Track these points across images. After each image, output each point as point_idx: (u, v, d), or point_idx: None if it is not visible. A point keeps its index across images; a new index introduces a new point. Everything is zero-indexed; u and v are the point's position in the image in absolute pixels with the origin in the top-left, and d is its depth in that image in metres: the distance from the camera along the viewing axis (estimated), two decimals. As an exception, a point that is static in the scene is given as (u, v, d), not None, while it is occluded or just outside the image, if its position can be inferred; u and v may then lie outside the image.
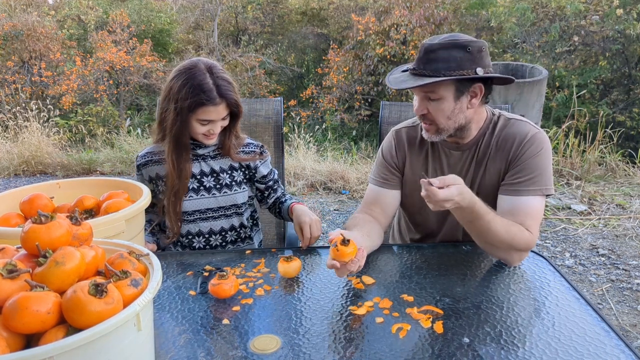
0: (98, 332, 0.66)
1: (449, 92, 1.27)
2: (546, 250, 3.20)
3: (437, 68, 1.24)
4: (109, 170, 5.36)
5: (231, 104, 1.40)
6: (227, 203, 1.55)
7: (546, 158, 1.32)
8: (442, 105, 1.28)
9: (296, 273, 1.24)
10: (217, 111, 1.38)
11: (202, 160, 1.53)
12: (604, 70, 6.97)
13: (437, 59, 1.24)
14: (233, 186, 1.55)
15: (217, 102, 1.37)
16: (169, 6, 11.87)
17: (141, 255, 0.88)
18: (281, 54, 10.65)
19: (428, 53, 1.26)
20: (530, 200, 1.29)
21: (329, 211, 4.03)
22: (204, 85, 1.35)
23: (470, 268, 1.27)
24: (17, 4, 10.16)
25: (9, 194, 1.28)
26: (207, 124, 1.41)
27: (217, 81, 1.37)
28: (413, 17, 7.58)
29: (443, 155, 1.44)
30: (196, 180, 1.53)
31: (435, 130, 1.34)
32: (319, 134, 7.33)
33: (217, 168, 1.54)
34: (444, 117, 1.30)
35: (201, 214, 1.55)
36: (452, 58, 1.24)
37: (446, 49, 1.24)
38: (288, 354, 0.93)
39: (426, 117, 1.33)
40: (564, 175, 4.48)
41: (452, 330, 0.99)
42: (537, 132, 1.34)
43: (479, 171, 1.40)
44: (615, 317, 2.41)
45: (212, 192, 1.53)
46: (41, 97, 7.93)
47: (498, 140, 1.37)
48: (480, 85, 1.29)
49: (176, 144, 1.45)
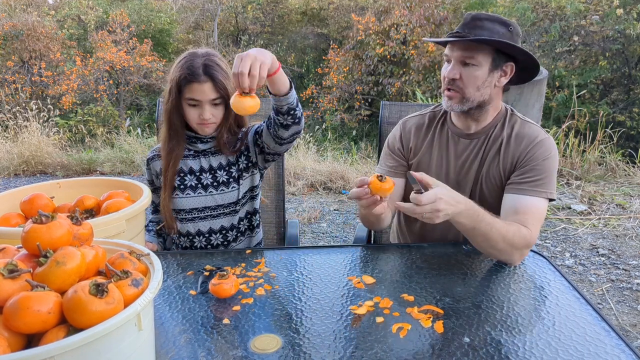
0: (99, 332, 0.66)
1: (487, 61, 1.30)
2: (546, 250, 3.20)
3: (482, 34, 1.28)
4: (109, 170, 5.36)
5: (219, 86, 1.39)
6: (225, 201, 1.55)
7: (554, 163, 1.35)
8: (477, 72, 1.31)
9: (253, 110, 1.14)
10: (202, 90, 1.38)
11: (203, 156, 1.54)
12: (604, 70, 6.98)
13: (483, 26, 1.29)
14: (230, 183, 1.54)
15: (202, 79, 1.37)
16: (169, 6, 11.87)
17: (142, 255, 0.88)
18: (281, 54, 10.66)
19: (475, 20, 1.30)
20: (535, 201, 1.30)
21: (329, 211, 4.03)
22: (192, 64, 1.39)
23: (470, 268, 1.27)
24: (17, 4, 10.17)
25: (9, 194, 1.28)
26: (195, 106, 1.42)
27: (206, 62, 1.39)
28: (413, 17, 7.59)
29: (451, 143, 1.45)
30: (195, 177, 1.53)
31: (460, 99, 1.35)
32: (319, 134, 7.33)
33: (216, 165, 1.53)
34: (474, 85, 1.32)
35: (199, 212, 1.54)
36: (496, 31, 1.29)
37: (491, 21, 1.30)
38: (288, 354, 0.93)
39: (455, 83, 1.34)
40: (564, 175, 4.48)
41: (452, 330, 0.99)
42: (547, 137, 1.38)
43: (485, 163, 1.41)
44: (615, 317, 2.41)
45: (209, 190, 1.53)
46: (41, 97, 7.94)
47: (509, 138, 1.39)
48: (512, 65, 1.33)
49: (170, 126, 1.47)
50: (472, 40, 1.27)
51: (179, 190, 1.52)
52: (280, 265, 1.31)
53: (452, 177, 1.46)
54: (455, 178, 1.46)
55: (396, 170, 1.51)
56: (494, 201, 1.42)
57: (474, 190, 1.45)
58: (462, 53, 1.31)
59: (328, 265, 1.30)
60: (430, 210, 1.09)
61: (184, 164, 1.54)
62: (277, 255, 1.37)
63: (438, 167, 1.48)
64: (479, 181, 1.43)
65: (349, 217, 3.88)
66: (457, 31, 1.32)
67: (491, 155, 1.40)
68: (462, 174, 1.45)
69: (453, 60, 1.33)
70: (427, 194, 1.09)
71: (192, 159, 1.54)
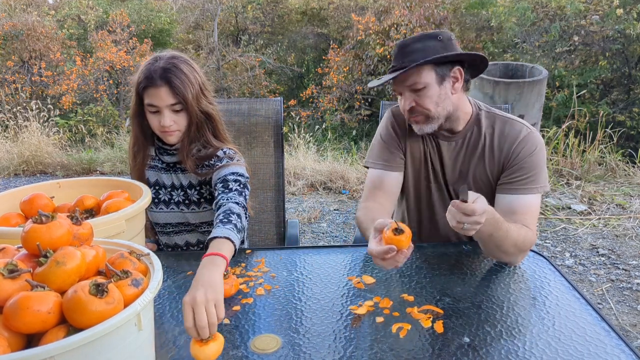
0: (99, 331, 0.66)
1: (432, 78, 1.29)
2: (546, 250, 3.20)
3: (415, 58, 1.27)
4: (109, 170, 5.36)
5: (175, 91, 1.30)
6: (197, 220, 1.50)
7: (541, 157, 1.33)
8: (429, 92, 1.30)
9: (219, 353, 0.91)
10: (158, 95, 1.30)
11: (174, 172, 1.47)
12: (604, 70, 6.97)
13: (413, 50, 1.29)
14: (202, 203, 1.47)
15: (158, 84, 1.29)
16: (169, 6, 11.87)
17: (142, 255, 0.88)
18: (281, 54, 10.65)
19: (402, 48, 1.31)
20: (529, 198, 1.30)
21: (329, 211, 4.03)
22: (151, 67, 1.31)
23: (470, 268, 1.27)
24: (17, 3, 10.17)
25: (9, 194, 1.28)
26: (155, 113, 1.34)
27: (167, 66, 1.31)
28: (413, 17, 7.58)
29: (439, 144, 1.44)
30: (167, 193, 1.48)
31: (425, 120, 1.34)
32: (319, 133, 7.33)
33: (186, 183, 1.46)
34: (432, 103, 1.31)
35: (173, 227, 1.52)
36: (426, 47, 1.28)
37: (419, 41, 1.29)
38: (288, 354, 0.93)
39: (414, 110, 1.33)
40: (564, 175, 4.48)
41: (452, 329, 0.99)
42: (531, 131, 1.36)
43: (472, 163, 1.40)
44: (615, 317, 2.41)
45: (180, 207, 1.48)
46: (41, 97, 7.93)
47: (492, 137, 1.37)
48: (459, 68, 1.32)
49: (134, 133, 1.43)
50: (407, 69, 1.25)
51: (152, 204, 1.48)
52: (280, 265, 1.31)
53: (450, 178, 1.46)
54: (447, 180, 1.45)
55: (393, 164, 1.45)
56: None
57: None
58: (405, 83, 1.31)
59: (328, 265, 1.30)
60: (475, 222, 1.04)
61: (159, 176, 1.49)
62: (277, 255, 1.37)
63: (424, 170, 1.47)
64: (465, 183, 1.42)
65: (349, 217, 3.87)
66: (393, 65, 1.32)
67: (475, 158, 1.39)
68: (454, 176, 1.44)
69: (402, 92, 1.34)
70: (480, 205, 1.04)
71: (164, 173, 1.48)
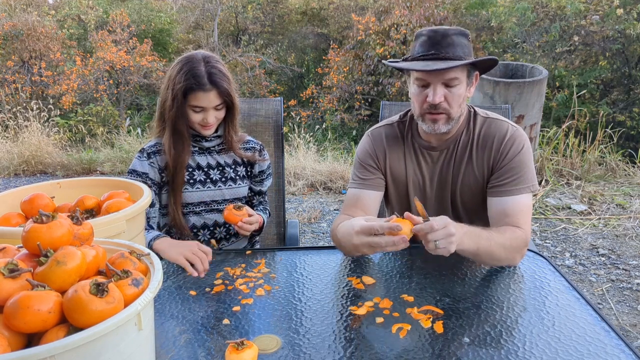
0: (99, 331, 0.66)
1: (464, 77, 1.28)
2: (546, 250, 3.20)
3: (456, 52, 1.24)
4: (109, 170, 5.36)
5: (223, 93, 1.42)
6: (232, 196, 1.61)
7: (528, 155, 1.33)
8: (460, 91, 1.28)
9: None
10: (207, 98, 1.41)
11: (209, 153, 1.58)
12: (604, 70, 6.98)
13: (454, 43, 1.25)
14: (237, 180, 1.61)
15: (207, 88, 1.40)
16: (169, 6, 11.88)
17: (142, 254, 0.88)
18: (281, 54, 10.66)
19: (445, 37, 1.25)
20: (520, 198, 1.30)
21: (329, 211, 4.03)
22: (196, 71, 1.40)
23: (470, 268, 1.27)
24: (17, 3, 10.16)
25: (9, 194, 1.28)
26: (199, 112, 1.44)
27: (210, 69, 1.41)
28: (413, 17, 7.58)
29: (422, 158, 1.42)
30: (203, 173, 1.57)
31: (446, 120, 1.30)
32: (319, 133, 7.33)
33: (223, 162, 1.59)
34: (457, 103, 1.29)
35: (206, 205, 1.59)
36: (463, 44, 1.27)
37: (457, 35, 1.26)
38: (288, 354, 0.93)
39: (439, 106, 1.27)
40: (564, 175, 4.48)
41: (452, 330, 0.99)
42: (515, 129, 1.35)
43: (460, 171, 1.39)
44: (615, 317, 2.41)
45: (217, 185, 1.58)
46: (41, 97, 7.94)
47: (478, 140, 1.36)
48: (477, 73, 1.32)
49: (174, 132, 1.48)
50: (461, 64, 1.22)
51: (188, 185, 1.55)
52: (280, 266, 1.31)
53: (430, 193, 1.44)
54: (434, 193, 1.44)
55: (369, 183, 1.43)
56: (475, 205, 1.41)
57: (454, 199, 1.43)
58: (446, 76, 1.24)
59: (328, 266, 1.30)
60: (444, 235, 1.04)
61: (192, 159, 1.56)
62: (277, 256, 1.37)
63: (415, 183, 1.45)
64: (457, 190, 1.41)
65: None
66: (431, 52, 1.25)
67: (464, 162, 1.38)
68: (439, 187, 1.43)
69: (433, 83, 1.26)
70: (437, 219, 1.04)
71: (198, 155, 1.57)
